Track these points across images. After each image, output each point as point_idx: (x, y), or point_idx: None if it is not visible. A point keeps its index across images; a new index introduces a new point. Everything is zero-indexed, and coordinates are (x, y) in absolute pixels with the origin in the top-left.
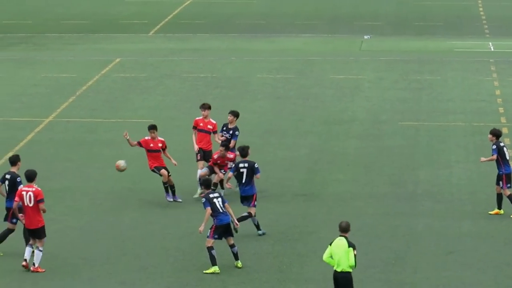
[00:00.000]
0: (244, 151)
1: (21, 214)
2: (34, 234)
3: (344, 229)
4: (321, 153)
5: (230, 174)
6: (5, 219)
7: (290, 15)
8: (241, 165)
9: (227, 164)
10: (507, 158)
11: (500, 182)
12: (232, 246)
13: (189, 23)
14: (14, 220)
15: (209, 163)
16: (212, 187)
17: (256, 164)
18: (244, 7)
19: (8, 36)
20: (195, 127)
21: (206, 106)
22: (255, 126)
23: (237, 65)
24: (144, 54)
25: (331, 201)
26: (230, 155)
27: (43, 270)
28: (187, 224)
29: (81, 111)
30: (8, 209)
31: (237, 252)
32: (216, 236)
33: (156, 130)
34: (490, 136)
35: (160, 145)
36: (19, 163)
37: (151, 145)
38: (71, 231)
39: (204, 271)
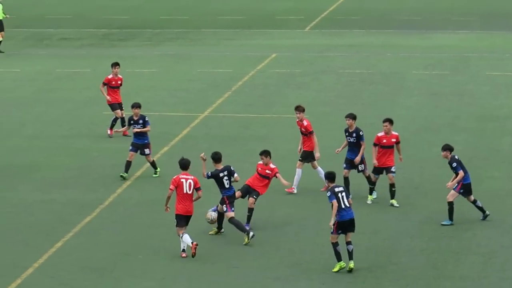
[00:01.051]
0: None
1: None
2: (189, 221)
3: None
4: (476, 150)
5: None
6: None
7: (445, 11)
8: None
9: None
10: None
11: None
12: (348, 243)
13: (344, 19)
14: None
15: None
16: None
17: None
18: (399, 2)
19: (165, 32)
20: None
21: (299, 109)
22: (410, 122)
23: (392, 61)
24: (299, 50)
25: (486, 198)
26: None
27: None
28: None
29: (236, 106)
30: (228, 197)
31: (352, 251)
32: (340, 232)
33: (267, 156)
34: None
35: (268, 172)
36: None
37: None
38: (225, 224)
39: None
